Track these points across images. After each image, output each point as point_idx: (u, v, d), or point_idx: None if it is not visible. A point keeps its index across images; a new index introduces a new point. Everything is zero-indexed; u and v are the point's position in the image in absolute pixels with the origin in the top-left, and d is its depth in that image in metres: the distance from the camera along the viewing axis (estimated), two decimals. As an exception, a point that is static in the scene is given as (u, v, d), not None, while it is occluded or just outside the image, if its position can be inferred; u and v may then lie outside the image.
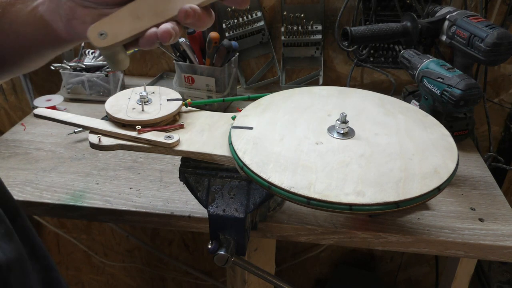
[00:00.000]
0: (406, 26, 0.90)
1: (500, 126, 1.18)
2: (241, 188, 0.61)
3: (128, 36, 0.43)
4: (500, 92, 1.13)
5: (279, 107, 0.66)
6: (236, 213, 0.60)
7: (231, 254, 0.60)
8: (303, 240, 0.70)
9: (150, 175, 0.81)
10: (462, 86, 0.75)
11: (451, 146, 0.58)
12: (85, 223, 1.52)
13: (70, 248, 1.60)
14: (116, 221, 0.74)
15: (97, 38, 0.43)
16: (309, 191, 0.49)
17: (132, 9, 0.43)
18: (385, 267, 1.51)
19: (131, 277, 1.65)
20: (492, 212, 0.72)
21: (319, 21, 1.10)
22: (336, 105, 0.67)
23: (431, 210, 0.72)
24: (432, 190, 0.50)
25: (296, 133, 0.59)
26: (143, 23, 0.43)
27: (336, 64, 1.17)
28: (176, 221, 0.72)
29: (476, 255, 0.68)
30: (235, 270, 0.80)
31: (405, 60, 0.89)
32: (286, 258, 1.51)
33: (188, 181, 0.63)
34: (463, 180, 0.80)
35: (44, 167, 0.83)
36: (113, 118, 0.63)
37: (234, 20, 1.10)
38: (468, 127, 0.89)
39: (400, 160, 0.54)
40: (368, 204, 0.48)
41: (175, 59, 1.01)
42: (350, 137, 0.58)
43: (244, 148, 0.56)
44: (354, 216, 0.70)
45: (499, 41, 0.77)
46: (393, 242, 0.68)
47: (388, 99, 0.69)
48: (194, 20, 0.42)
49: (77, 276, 1.69)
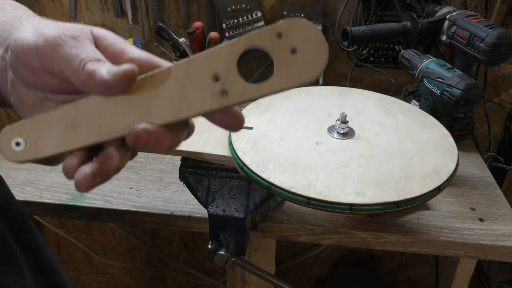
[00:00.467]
0: (406, 26, 0.90)
1: (500, 126, 1.18)
2: (241, 188, 0.61)
3: (54, 153, 0.31)
4: (500, 92, 1.13)
5: (279, 107, 0.66)
6: (236, 213, 0.60)
7: (231, 254, 0.60)
8: (303, 240, 0.70)
9: (150, 175, 0.81)
10: (462, 86, 0.75)
11: (451, 146, 0.58)
12: (85, 223, 1.52)
13: (70, 248, 1.60)
14: (116, 221, 0.74)
15: (10, 148, 0.31)
16: (309, 191, 0.49)
17: (68, 113, 0.31)
18: (385, 267, 1.51)
19: (131, 277, 1.65)
20: (492, 212, 0.72)
21: (319, 21, 1.10)
22: (336, 105, 0.67)
23: (431, 210, 0.72)
24: (432, 190, 0.50)
25: (296, 133, 0.59)
26: (78, 138, 0.31)
27: (336, 64, 1.17)
28: (176, 221, 0.72)
29: (476, 255, 0.68)
30: (235, 270, 0.80)
31: (405, 60, 0.89)
32: (286, 258, 1.51)
33: (188, 181, 0.63)
34: (463, 180, 0.80)
35: (44, 167, 0.83)
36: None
37: (234, 20, 1.10)
38: (468, 127, 0.89)
39: (400, 160, 0.54)
40: (368, 204, 0.48)
41: (175, 59, 1.01)
42: (350, 137, 0.58)
43: (244, 148, 0.56)
44: (354, 216, 0.70)
45: (499, 41, 0.77)
46: (393, 242, 0.68)
47: (388, 99, 0.69)
48: (150, 144, 0.30)
49: (77, 276, 1.69)
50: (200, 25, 0.96)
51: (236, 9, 1.09)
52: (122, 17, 1.15)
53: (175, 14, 1.15)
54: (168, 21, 1.16)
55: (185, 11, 1.14)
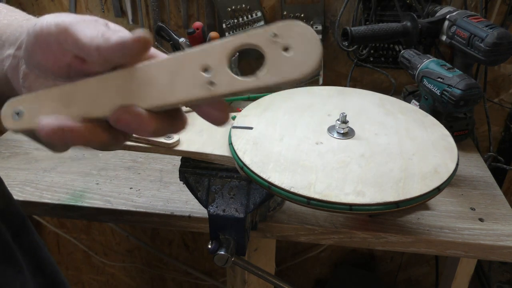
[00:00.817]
0: (406, 26, 0.90)
1: (500, 126, 1.18)
2: (241, 188, 0.61)
3: None
4: (500, 92, 1.13)
5: (279, 107, 0.66)
6: (236, 213, 0.60)
7: (231, 254, 0.60)
8: (303, 240, 0.70)
9: (150, 175, 0.81)
10: (462, 86, 0.75)
11: (451, 146, 0.58)
12: (85, 223, 1.52)
13: (70, 248, 1.60)
14: (116, 221, 0.74)
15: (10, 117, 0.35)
16: (309, 191, 0.49)
17: (66, 91, 0.34)
18: (385, 267, 1.51)
19: (131, 277, 1.65)
20: (492, 212, 0.72)
21: (319, 21, 1.10)
22: (336, 105, 0.67)
23: (431, 210, 0.72)
24: (432, 190, 0.50)
25: (296, 133, 0.59)
26: (68, 112, 0.33)
27: (336, 64, 1.17)
28: (176, 221, 0.72)
29: (476, 255, 0.68)
30: (235, 270, 0.80)
31: (405, 60, 0.89)
32: (286, 258, 1.51)
33: (188, 181, 0.63)
34: (463, 180, 0.80)
35: (44, 167, 0.83)
36: (113, 118, 0.63)
37: (234, 20, 1.10)
38: (468, 127, 0.89)
39: (400, 160, 0.54)
40: (368, 204, 0.48)
41: (175, 59, 1.01)
42: (350, 137, 0.58)
43: (244, 148, 0.56)
44: (354, 216, 0.70)
45: (499, 41, 0.77)
46: (393, 242, 0.68)
47: (388, 99, 0.69)
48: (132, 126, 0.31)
49: (77, 276, 1.69)
50: (200, 25, 0.96)
51: (236, 9, 1.09)
52: (122, 17, 1.15)
53: (175, 14, 1.15)
54: (168, 21, 1.16)
55: (185, 11, 1.14)
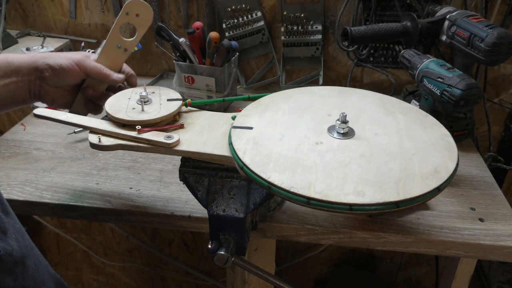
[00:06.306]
0: (406, 26, 0.90)
1: (500, 126, 1.18)
2: (241, 188, 0.61)
3: None
4: (500, 92, 1.13)
5: (279, 107, 0.66)
6: (236, 213, 0.60)
7: (231, 254, 0.60)
8: (303, 240, 0.70)
9: (150, 175, 0.81)
10: (462, 86, 0.75)
11: (451, 146, 0.58)
12: (85, 223, 1.52)
13: (70, 248, 1.60)
14: (116, 221, 0.74)
15: None
16: (309, 191, 0.49)
17: None
18: (385, 267, 1.51)
19: (131, 277, 1.65)
20: (492, 212, 0.72)
21: (319, 21, 1.10)
22: (336, 105, 0.67)
23: (431, 210, 0.72)
24: (432, 190, 0.50)
25: (296, 133, 0.59)
26: None
27: (336, 64, 1.17)
28: (176, 221, 0.72)
29: (476, 255, 0.68)
30: (235, 270, 0.80)
31: (405, 60, 0.89)
32: (286, 258, 1.51)
33: (188, 181, 0.63)
34: (463, 180, 0.80)
35: (44, 167, 0.83)
36: (113, 118, 0.63)
37: (234, 20, 1.10)
38: (468, 127, 0.89)
39: (400, 160, 0.54)
40: (368, 204, 0.48)
41: (175, 59, 1.01)
42: (350, 137, 0.58)
43: (244, 148, 0.56)
44: (354, 216, 0.70)
45: (499, 41, 0.77)
46: (393, 242, 0.68)
47: (388, 99, 0.69)
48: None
49: (77, 276, 1.69)
50: (200, 25, 0.96)
51: (236, 9, 1.09)
52: (122, 17, 1.15)
53: (175, 14, 1.15)
54: (168, 21, 1.16)
55: (185, 11, 1.14)
